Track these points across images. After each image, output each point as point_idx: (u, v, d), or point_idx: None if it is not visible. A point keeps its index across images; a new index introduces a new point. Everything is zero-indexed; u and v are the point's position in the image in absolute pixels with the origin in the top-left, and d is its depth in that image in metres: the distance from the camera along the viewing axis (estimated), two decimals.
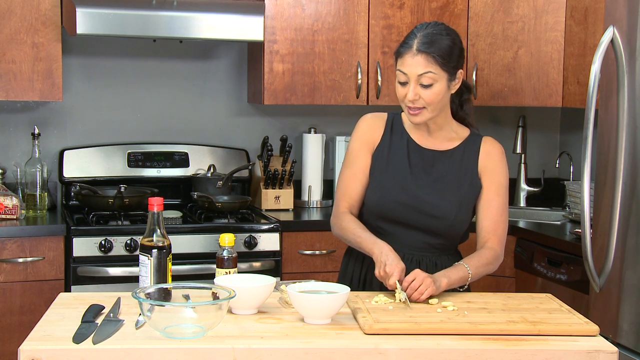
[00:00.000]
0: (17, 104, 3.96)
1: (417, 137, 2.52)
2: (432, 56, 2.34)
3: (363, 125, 2.56)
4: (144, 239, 2.22)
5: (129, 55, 4.11)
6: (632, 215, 2.75)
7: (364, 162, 2.52)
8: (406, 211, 2.46)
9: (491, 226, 2.48)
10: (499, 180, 2.50)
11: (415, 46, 2.35)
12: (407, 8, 4.00)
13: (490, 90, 4.03)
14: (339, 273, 2.67)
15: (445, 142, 2.51)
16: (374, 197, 2.50)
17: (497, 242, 2.48)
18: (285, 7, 3.90)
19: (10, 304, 3.39)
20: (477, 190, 2.50)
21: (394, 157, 2.50)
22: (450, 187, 2.47)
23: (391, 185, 2.48)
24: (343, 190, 2.54)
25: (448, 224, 2.46)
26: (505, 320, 2.09)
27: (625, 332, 2.78)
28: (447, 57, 2.36)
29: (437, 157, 2.50)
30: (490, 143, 2.53)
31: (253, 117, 4.28)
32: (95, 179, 3.93)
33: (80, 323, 2.01)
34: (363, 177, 2.52)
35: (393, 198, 2.47)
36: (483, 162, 2.50)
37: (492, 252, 2.46)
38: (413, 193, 2.46)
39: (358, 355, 1.92)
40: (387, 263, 2.28)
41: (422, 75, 2.35)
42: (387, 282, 2.28)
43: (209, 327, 1.93)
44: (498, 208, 2.49)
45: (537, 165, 4.47)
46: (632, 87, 2.74)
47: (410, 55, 2.35)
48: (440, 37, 2.36)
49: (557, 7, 3.86)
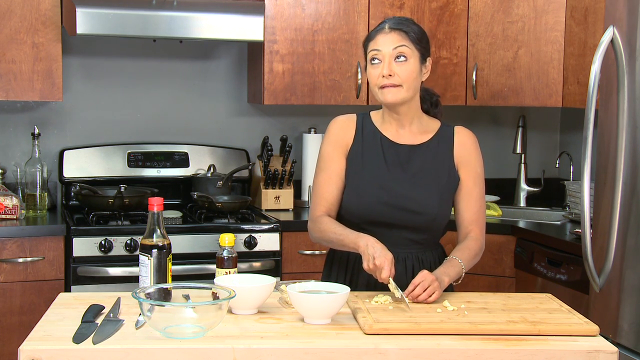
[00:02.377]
0: (17, 104, 3.96)
1: (389, 133, 2.50)
2: (405, 32, 2.38)
3: (334, 128, 2.53)
4: (144, 239, 2.22)
5: (129, 55, 4.11)
6: (632, 215, 2.75)
7: (338, 165, 2.49)
8: (387, 210, 2.44)
9: (473, 216, 2.49)
10: (476, 170, 2.50)
11: (388, 26, 2.40)
12: (407, 8, 4.00)
13: (490, 90, 4.03)
14: (322, 278, 2.62)
15: (418, 135, 2.50)
16: (352, 199, 2.47)
17: (480, 232, 2.50)
18: (285, 7, 3.90)
19: (10, 304, 3.39)
20: (455, 181, 2.49)
21: (368, 156, 2.48)
22: (429, 181, 2.46)
23: (369, 185, 2.45)
24: (319, 194, 2.50)
25: (430, 219, 2.45)
26: (505, 320, 2.09)
27: (625, 332, 2.78)
28: (419, 37, 2.41)
29: (412, 152, 2.48)
30: (463, 133, 2.52)
31: (253, 117, 4.28)
32: (95, 179, 3.93)
33: (80, 323, 2.01)
34: (338, 180, 2.49)
35: (372, 198, 2.44)
36: (458, 152, 2.50)
37: (477, 243, 2.47)
38: (392, 190, 2.44)
39: (358, 355, 1.92)
40: (375, 255, 2.24)
41: (396, 49, 2.37)
42: (377, 275, 2.26)
43: (209, 327, 1.93)
44: (477, 198, 2.50)
45: (537, 165, 4.47)
46: (632, 87, 2.74)
47: (384, 33, 2.39)
48: (411, 22, 2.43)
49: (557, 7, 3.86)
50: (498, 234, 3.64)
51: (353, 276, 2.52)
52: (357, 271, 2.48)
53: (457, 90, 4.08)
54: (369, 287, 2.43)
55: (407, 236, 2.47)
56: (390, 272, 2.23)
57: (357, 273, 2.49)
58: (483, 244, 2.50)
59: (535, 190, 4.29)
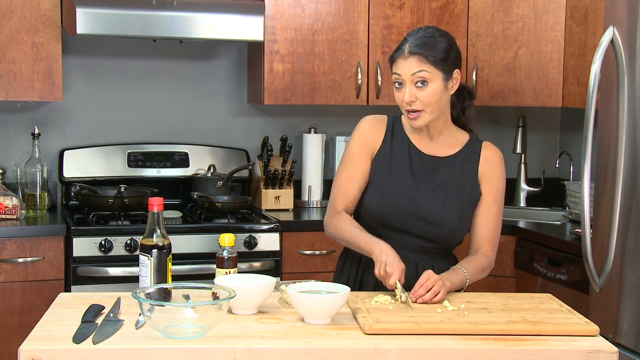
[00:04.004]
0: (17, 104, 3.96)
1: (417, 142, 2.50)
2: (424, 55, 2.34)
3: (364, 127, 2.54)
4: (144, 239, 2.22)
5: (129, 55, 4.11)
6: (632, 215, 2.75)
7: (364, 165, 2.50)
8: (407, 218, 2.45)
9: (487, 233, 2.49)
10: (497, 187, 2.50)
11: (407, 49, 2.36)
12: (407, 8, 4.00)
13: (490, 90, 4.03)
14: (334, 274, 2.65)
15: (446, 148, 2.50)
16: (375, 202, 2.47)
17: (491, 249, 2.50)
18: (285, 7, 3.90)
19: (10, 304, 3.39)
20: (476, 197, 2.49)
21: (396, 162, 2.48)
22: (452, 195, 2.46)
23: (393, 190, 2.46)
24: (340, 191, 2.51)
25: (449, 232, 2.46)
26: (505, 320, 2.09)
27: (625, 332, 2.78)
28: (440, 56, 2.36)
29: (438, 164, 2.48)
30: (490, 149, 2.52)
31: (253, 117, 4.28)
32: (95, 179, 3.93)
33: (80, 323, 2.01)
34: (361, 180, 2.50)
35: (395, 204, 2.45)
36: (483, 168, 2.50)
37: (487, 260, 2.47)
38: (415, 200, 2.45)
39: (358, 355, 1.92)
40: (387, 263, 2.27)
41: (415, 75, 2.34)
42: (387, 282, 2.28)
43: (209, 327, 1.93)
44: (495, 215, 2.50)
45: (537, 165, 4.47)
46: (632, 87, 2.74)
47: (403, 58, 2.36)
48: (432, 39, 2.37)
49: (557, 7, 3.86)
50: None
51: (364, 275, 2.54)
52: (368, 270, 2.49)
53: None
54: (377, 288, 2.43)
55: (422, 244, 2.48)
56: (400, 280, 2.25)
57: (368, 272, 2.50)
58: (492, 262, 2.50)
59: (535, 190, 4.29)
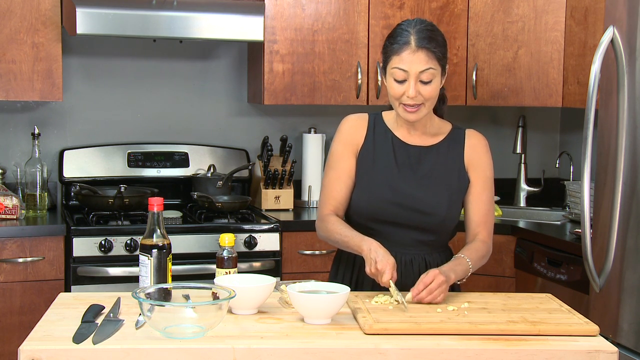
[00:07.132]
0: (17, 104, 3.96)
1: (400, 134, 2.50)
2: (432, 51, 2.33)
3: (345, 127, 2.53)
4: (144, 239, 2.22)
5: (129, 55, 4.11)
6: (632, 215, 2.75)
7: (348, 164, 2.49)
8: (396, 209, 2.44)
9: (482, 219, 2.50)
10: (485, 173, 2.51)
11: (415, 42, 2.32)
12: (407, 8, 4.00)
13: (490, 90, 4.03)
14: (329, 276, 2.63)
15: (429, 137, 2.50)
16: (362, 198, 2.47)
17: (488, 235, 2.50)
18: (285, 7, 3.90)
19: (10, 304, 3.39)
20: (465, 184, 2.49)
21: (379, 156, 2.48)
22: (439, 183, 2.47)
23: (379, 184, 2.46)
24: (327, 192, 2.51)
25: (439, 220, 2.46)
26: (505, 320, 2.09)
27: (625, 332, 2.78)
28: (443, 52, 2.37)
29: (423, 153, 2.48)
30: (474, 136, 2.53)
31: (253, 117, 4.28)
32: (95, 179, 3.93)
33: (80, 323, 2.01)
34: (347, 179, 2.49)
35: (382, 197, 2.45)
36: (469, 155, 2.50)
37: (485, 245, 2.48)
38: (402, 191, 2.45)
39: (358, 355, 1.92)
40: (377, 260, 2.26)
41: (423, 72, 2.33)
42: (379, 279, 2.27)
43: (209, 327, 1.93)
44: (486, 201, 2.50)
45: (537, 165, 4.47)
46: (632, 87, 2.74)
47: (410, 51, 2.32)
48: (434, 32, 2.37)
49: (557, 7, 3.86)
50: (498, 234, 3.61)
51: (359, 276, 2.53)
52: (363, 271, 2.48)
53: (457, 90, 4.08)
54: (374, 287, 2.43)
55: (416, 237, 2.48)
56: (392, 276, 2.24)
57: (363, 273, 2.49)
58: (490, 247, 2.51)
59: (535, 190, 4.29)
